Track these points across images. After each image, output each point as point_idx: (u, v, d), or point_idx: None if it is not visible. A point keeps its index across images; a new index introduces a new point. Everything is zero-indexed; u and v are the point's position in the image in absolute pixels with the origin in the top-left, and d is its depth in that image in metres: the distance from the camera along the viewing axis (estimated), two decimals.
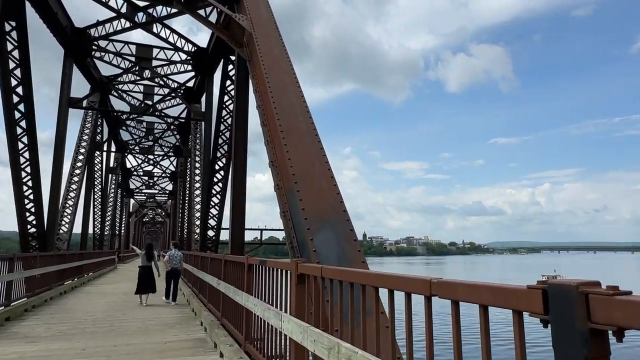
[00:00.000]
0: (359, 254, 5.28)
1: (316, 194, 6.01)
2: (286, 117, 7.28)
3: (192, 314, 11.29)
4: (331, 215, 5.73)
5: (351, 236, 5.49)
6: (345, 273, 3.00)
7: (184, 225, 31.97)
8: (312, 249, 5.20)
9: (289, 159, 6.46)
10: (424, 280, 2.10)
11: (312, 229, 5.45)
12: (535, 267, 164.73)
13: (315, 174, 6.34)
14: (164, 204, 70.89)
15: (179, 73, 24.33)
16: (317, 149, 6.77)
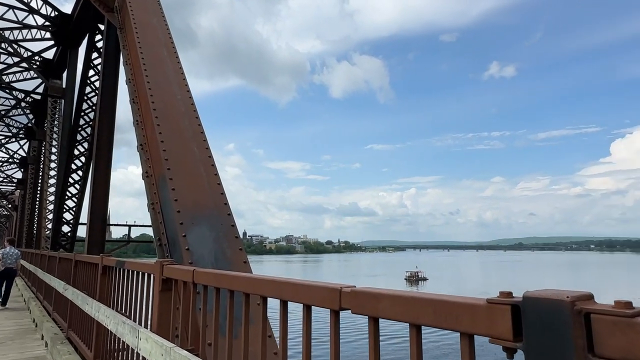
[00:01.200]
0: (240, 254, 4.61)
1: (193, 183, 5.17)
2: (161, 94, 6.26)
3: (32, 324, 9.36)
4: (210, 209, 4.95)
5: (232, 233, 4.78)
6: (224, 278, 2.34)
7: (34, 219, 27.42)
8: (185, 247, 4.37)
9: (161, 141, 5.48)
10: (332, 290, 1.57)
11: (186, 224, 4.62)
12: (400, 264, 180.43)
13: (193, 160, 5.48)
14: (10, 195, 60.63)
15: (34, 40, 20.60)
16: (197, 133, 5.90)
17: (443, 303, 1.17)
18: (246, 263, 4.54)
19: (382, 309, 1.35)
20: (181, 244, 4.45)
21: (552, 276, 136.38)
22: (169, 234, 5.03)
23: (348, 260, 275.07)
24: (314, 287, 1.65)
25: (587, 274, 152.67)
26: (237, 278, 2.21)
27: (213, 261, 4.41)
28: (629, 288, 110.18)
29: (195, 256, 4.36)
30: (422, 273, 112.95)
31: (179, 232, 4.55)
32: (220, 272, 2.45)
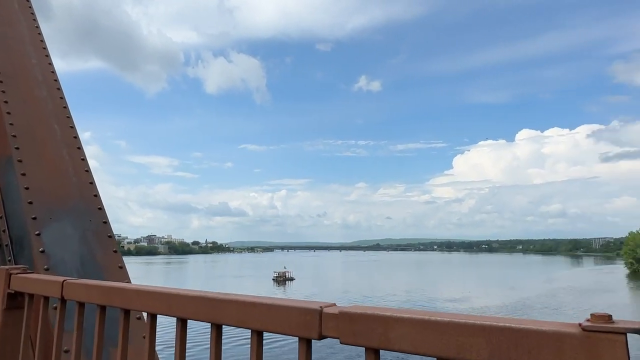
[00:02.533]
0: (114, 257, 3.76)
1: (52, 169, 4.10)
2: (10, 55, 4.91)
3: None
4: (74, 200, 3.97)
5: (104, 231, 3.90)
6: (117, 293, 1.70)
7: None
8: (39, 249, 3.38)
9: (8, 112, 4.25)
10: (306, 311, 1.13)
11: (41, 219, 3.60)
12: (268, 264, 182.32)
13: (54, 140, 4.38)
14: None
15: None
16: (59, 108, 4.76)
17: (505, 330, 0.83)
18: (122, 268, 3.73)
19: (395, 338, 0.96)
20: (33, 244, 3.45)
21: (404, 272, 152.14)
22: (13, 232, 3.91)
23: (215, 261, 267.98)
24: (277, 306, 1.19)
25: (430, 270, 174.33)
26: (141, 293, 1.60)
27: (78, 266, 3.51)
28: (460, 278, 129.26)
29: (53, 260, 3.41)
30: (289, 273, 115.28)
31: (31, 229, 3.53)
32: (110, 285, 1.80)
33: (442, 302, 71.00)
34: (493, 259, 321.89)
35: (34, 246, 3.43)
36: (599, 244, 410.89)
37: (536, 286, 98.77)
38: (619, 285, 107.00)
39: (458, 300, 74.07)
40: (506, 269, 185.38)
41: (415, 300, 72.24)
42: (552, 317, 57.68)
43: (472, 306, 67.08)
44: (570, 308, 65.13)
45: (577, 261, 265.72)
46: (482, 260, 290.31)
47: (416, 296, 78.82)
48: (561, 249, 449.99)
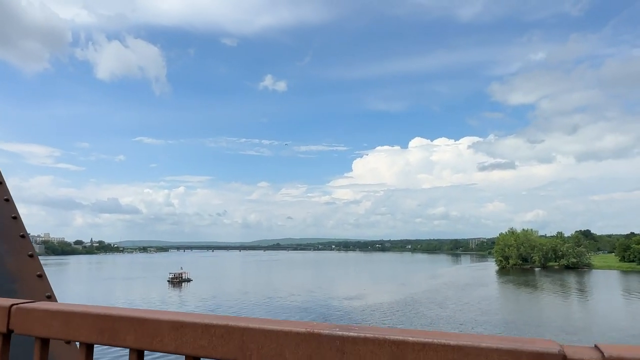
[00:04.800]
0: (31, 263, 2.90)
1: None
2: None
3: None
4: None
5: (15, 229, 2.99)
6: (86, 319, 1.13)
7: None
8: None
9: None
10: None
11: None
12: (163, 265, 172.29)
13: None
14: None
15: None
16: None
17: None
18: (42, 277, 2.89)
19: None
20: None
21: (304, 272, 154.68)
22: None
23: (102, 262, 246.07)
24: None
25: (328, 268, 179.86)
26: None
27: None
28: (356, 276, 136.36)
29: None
30: (186, 274, 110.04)
31: None
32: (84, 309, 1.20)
33: (340, 301, 73.41)
34: (385, 257, 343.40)
35: None
36: (474, 243, 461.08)
37: (423, 282, 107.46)
38: (491, 280, 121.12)
39: (355, 297, 77.25)
40: (396, 266, 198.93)
41: (318, 300, 73.63)
42: (436, 311, 62.94)
43: (368, 303, 70.47)
44: (452, 302, 71.74)
45: (457, 259, 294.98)
46: (375, 259, 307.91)
47: (317, 295, 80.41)
48: (444, 248, 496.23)
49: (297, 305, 67.19)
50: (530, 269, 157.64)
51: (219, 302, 70.08)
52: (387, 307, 66.20)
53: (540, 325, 52.43)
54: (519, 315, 60.57)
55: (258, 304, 68.88)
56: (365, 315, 59.19)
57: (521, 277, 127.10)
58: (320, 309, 64.43)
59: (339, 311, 62.75)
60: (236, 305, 67.18)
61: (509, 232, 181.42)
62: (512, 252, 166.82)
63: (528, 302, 74.97)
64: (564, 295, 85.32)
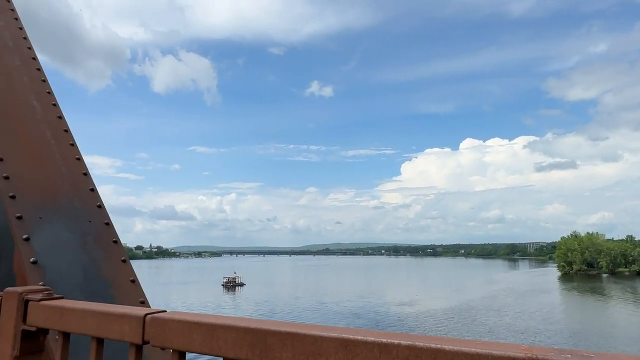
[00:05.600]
0: (124, 268, 2.92)
1: (35, 154, 3.18)
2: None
3: None
4: (67, 196, 3.08)
5: (108, 235, 3.04)
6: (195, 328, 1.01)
7: None
8: (30, 259, 2.50)
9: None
10: None
11: (29, 218, 2.71)
12: (217, 269, 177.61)
13: (33, 119, 3.44)
14: None
15: None
16: (37, 80, 3.81)
17: None
18: (135, 283, 2.90)
19: None
20: (21, 252, 2.56)
21: (355, 277, 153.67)
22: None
23: (160, 267, 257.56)
24: None
25: (380, 274, 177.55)
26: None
27: (81, 282, 2.66)
28: (409, 281, 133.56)
29: (50, 275, 2.54)
30: (239, 278, 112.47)
31: (17, 232, 2.63)
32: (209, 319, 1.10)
33: (392, 307, 72.06)
34: (437, 262, 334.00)
35: (23, 255, 2.54)
36: (533, 248, 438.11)
37: (479, 288, 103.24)
38: (553, 287, 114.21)
39: (407, 303, 75.53)
40: (450, 272, 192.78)
41: (370, 306, 72.77)
42: (495, 318, 60.13)
43: (421, 309, 68.62)
44: (511, 309, 68.33)
45: (514, 264, 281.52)
46: (427, 264, 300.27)
47: (369, 301, 79.45)
48: (500, 252, 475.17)
49: (350, 311, 66.65)
50: (596, 275, 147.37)
51: (273, 307, 70.93)
52: (441, 314, 64.15)
53: (612, 336, 48.65)
54: (587, 325, 56.58)
55: (311, 309, 69.04)
56: (419, 322, 57.64)
57: (587, 283, 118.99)
58: (373, 315, 63.52)
59: (391, 317, 61.59)
60: (289, 310, 67.68)
61: (572, 235, 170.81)
62: (575, 257, 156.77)
63: (596, 311, 69.90)
64: (637, 303, 78.78)
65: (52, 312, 1.38)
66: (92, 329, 1.28)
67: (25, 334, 1.44)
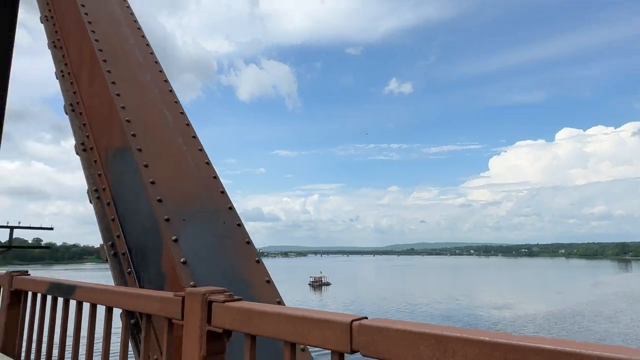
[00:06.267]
0: (258, 268, 2.98)
1: (172, 160, 3.38)
2: (107, 33, 4.28)
3: None
4: (202, 199, 3.22)
5: (241, 236, 3.13)
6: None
7: None
8: (181, 260, 2.63)
9: (117, 94, 3.58)
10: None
11: (176, 221, 2.86)
12: (302, 269, 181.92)
13: (166, 127, 3.67)
14: None
15: None
16: (165, 92, 4.07)
17: None
18: (270, 283, 2.93)
19: None
20: (172, 253, 2.69)
21: (443, 278, 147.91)
22: (132, 238, 3.19)
23: None
24: None
25: (470, 274, 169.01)
26: None
27: (223, 282, 2.73)
28: (502, 283, 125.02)
29: (197, 274, 2.64)
30: (325, 278, 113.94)
31: (167, 233, 2.78)
32: None
33: (487, 310, 68.21)
34: (534, 263, 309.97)
35: (174, 255, 2.67)
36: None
37: (584, 292, 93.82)
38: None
39: (503, 306, 71.02)
40: (548, 273, 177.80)
41: (462, 308, 69.68)
42: (605, 325, 54.17)
43: (518, 313, 64.08)
44: (625, 316, 61.15)
45: (626, 265, 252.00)
46: (522, 264, 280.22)
47: (461, 303, 76.05)
48: (607, 252, 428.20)
49: (441, 313, 64.32)
50: None
51: (361, 307, 70.80)
52: (542, 319, 59.33)
53: None
54: None
55: (399, 310, 67.80)
56: (517, 327, 53.79)
57: None
58: (466, 317, 60.61)
59: (486, 321, 58.27)
60: (379, 311, 67.07)
61: None
62: None
63: None
64: None
65: (239, 314, 1.38)
66: (286, 334, 1.24)
67: (211, 335, 1.46)
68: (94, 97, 4.01)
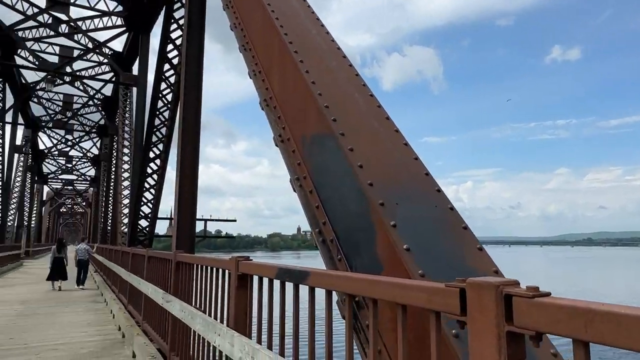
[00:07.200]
0: (483, 257, 2.61)
1: (372, 143, 3.24)
2: (293, 27, 4.41)
3: (114, 326, 8.05)
4: (409, 181, 3.00)
5: (456, 221, 2.80)
6: None
7: (108, 215, 27.39)
8: (404, 246, 2.43)
9: (312, 82, 3.61)
10: None
11: (389, 206, 2.68)
12: None
13: (359, 111, 3.57)
14: (85, 192, 63.52)
15: (105, 29, 19.93)
16: (352, 76, 3.99)
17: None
18: (498, 273, 2.53)
19: None
20: (392, 239, 2.51)
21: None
22: (339, 225, 3.14)
23: None
24: None
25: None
26: None
27: (452, 273, 2.43)
28: None
29: (424, 263, 2.40)
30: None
31: (382, 218, 2.61)
32: None
33: None
34: None
35: (395, 242, 2.48)
36: None
37: None
38: None
39: None
40: None
41: None
42: None
43: None
44: None
45: None
46: None
47: None
48: None
49: None
50: None
51: None
52: None
53: None
54: None
55: None
56: None
57: None
58: None
59: None
60: None
61: None
62: None
63: None
64: None
65: (559, 314, 1.05)
66: None
67: (511, 337, 1.17)
68: (286, 89, 4.15)
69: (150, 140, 13.31)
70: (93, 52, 21.27)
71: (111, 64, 20.90)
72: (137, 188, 13.98)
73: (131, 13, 16.98)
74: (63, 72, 22.42)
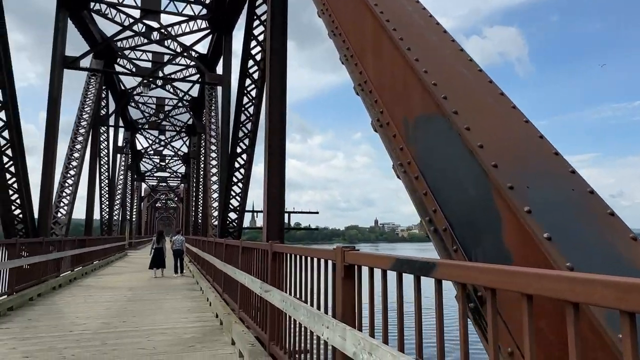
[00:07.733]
0: (638, 247, 2.20)
1: (491, 121, 2.92)
2: (389, 6, 4.17)
3: (210, 312, 8.43)
4: (538, 161, 2.64)
5: (601, 206, 2.40)
6: None
7: (199, 209, 29.15)
8: (544, 235, 2.11)
9: (416, 59, 3.35)
10: None
11: (520, 190, 2.37)
12: None
13: (469, 87, 3.24)
14: (177, 189, 68.59)
15: (191, 32, 21.08)
16: (456, 51, 3.65)
17: None
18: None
19: None
20: (529, 227, 2.19)
21: None
22: (453, 212, 2.86)
23: None
24: None
25: None
26: None
27: (607, 265, 2.07)
28: None
29: (571, 254, 2.06)
30: None
31: (513, 204, 2.30)
32: None
33: None
34: None
35: (533, 231, 2.16)
36: None
37: None
38: None
39: None
40: None
41: None
42: None
43: None
44: None
45: None
46: None
47: None
48: None
49: None
50: None
51: None
52: None
53: None
54: None
55: None
56: None
57: None
58: None
59: None
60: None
61: None
62: None
63: None
64: None
65: None
66: None
67: None
68: (382, 71, 3.93)
69: (237, 136, 13.85)
70: (181, 55, 22.67)
71: (198, 66, 22.13)
72: (226, 182, 14.64)
73: (214, 15, 17.76)
74: (156, 76, 24.25)
